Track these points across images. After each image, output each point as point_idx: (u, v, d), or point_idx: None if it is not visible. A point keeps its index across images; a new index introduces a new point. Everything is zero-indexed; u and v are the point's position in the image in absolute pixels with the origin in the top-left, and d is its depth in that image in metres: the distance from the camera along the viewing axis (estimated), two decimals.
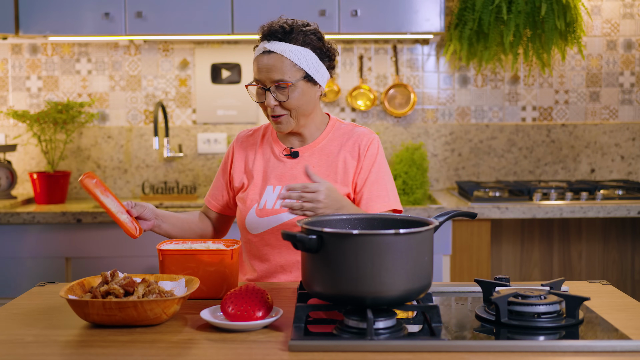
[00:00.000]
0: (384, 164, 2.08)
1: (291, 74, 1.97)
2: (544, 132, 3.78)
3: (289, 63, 1.97)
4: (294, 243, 1.48)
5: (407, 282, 1.47)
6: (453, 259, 3.21)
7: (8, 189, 3.56)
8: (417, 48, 3.76)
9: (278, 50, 1.96)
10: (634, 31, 3.77)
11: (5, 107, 3.77)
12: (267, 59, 1.97)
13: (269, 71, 1.96)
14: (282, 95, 1.97)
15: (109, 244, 3.19)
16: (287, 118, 2.01)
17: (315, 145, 2.09)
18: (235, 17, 3.35)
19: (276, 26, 2.00)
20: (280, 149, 2.10)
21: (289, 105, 1.99)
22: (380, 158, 2.07)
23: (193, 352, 1.42)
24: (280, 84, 1.96)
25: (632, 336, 1.45)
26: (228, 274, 1.79)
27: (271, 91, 1.97)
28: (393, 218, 1.68)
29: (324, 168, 2.06)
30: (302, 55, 1.98)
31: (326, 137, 2.10)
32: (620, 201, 3.27)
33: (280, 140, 2.12)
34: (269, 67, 1.96)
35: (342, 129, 2.11)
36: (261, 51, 1.99)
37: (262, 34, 2.02)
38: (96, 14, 3.36)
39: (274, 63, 1.96)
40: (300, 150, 2.08)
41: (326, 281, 1.48)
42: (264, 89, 1.98)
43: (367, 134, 2.09)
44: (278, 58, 1.96)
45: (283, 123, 2.02)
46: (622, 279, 3.64)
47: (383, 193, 2.04)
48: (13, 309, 1.71)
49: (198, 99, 3.76)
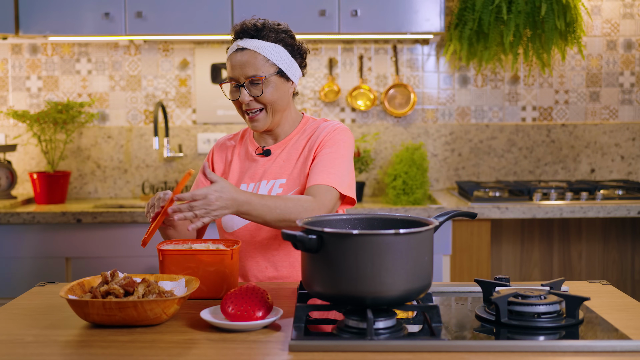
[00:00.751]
0: (342, 149, 2.05)
1: (264, 69, 2.00)
2: (544, 132, 3.78)
3: (262, 58, 2.00)
4: (294, 243, 1.48)
5: (407, 282, 1.47)
6: (453, 259, 3.21)
7: (8, 189, 3.56)
8: (417, 48, 3.76)
9: (251, 46, 2.00)
10: (634, 31, 3.77)
11: (5, 107, 3.77)
12: (241, 55, 2.01)
13: (243, 67, 2.00)
14: (257, 90, 2.00)
15: (109, 244, 3.19)
16: (262, 115, 2.04)
17: (286, 142, 2.11)
18: (235, 17, 3.35)
19: (248, 24, 2.05)
20: (254, 148, 2.14)
21: (264, 99, 2.01)
22: (342, 144, 2.05)
23: (193, 352, 1.42)
24: (254, 79, 1.99)
25: (632, 336, 1.45)
26: (228, 274, 1.79)
27: (245, 87, 2.00)
28: (393, 218, 1.68)
29: (295, 160, 2.08)
30: (274, 51, 2.02)
31: (297, 133, 2.12)
32: (620, 201, 3.27)
33: (255, 140, 2.16)
34: (243, 64, 2.00)
35: (313, 125, 2.13)
36: (234, 49, 2.03)
37: (234, 33, 2.06)
38: (96, 14, 3.36)
39: (247, 59, 2.00)
40: (272, 148, 2.11)
41: (326, 281, 1.48)
42: (239, 86, 2.01)
43: (333, 124, 2.10)
44: (251, 54, 2.00)
45: (259, 120, 2.04)
46: (622, 279, 3.64)
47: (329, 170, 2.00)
48: (13, 309, 1.71)
49: (198, 99, 3.76)
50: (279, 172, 2.08)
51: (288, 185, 2.06)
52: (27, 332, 1.54)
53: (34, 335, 1.51)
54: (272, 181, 2.07)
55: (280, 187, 2.05)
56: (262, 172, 2.09)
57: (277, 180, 2.07)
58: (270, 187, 2.06)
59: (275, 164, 2.09)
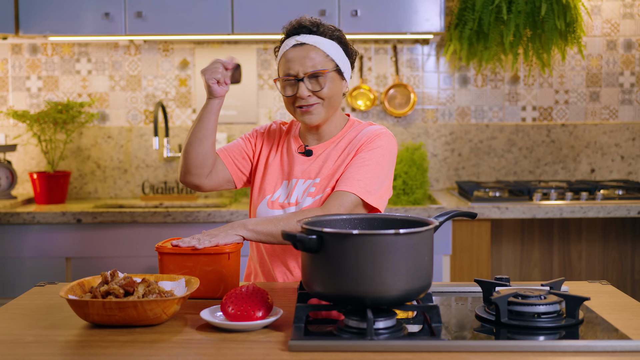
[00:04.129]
0: (378, 156, 2.00)
1: (324, 63, 1.99)
2: (544, 132, 3.78)
3: (322, 53, 1.99)
4: (293, 243, 1.48)
5: (407, 282, 1.47)
6: (453, 259, 3.21)
7: (8, 189, 3.56)
8: (417, 48, 3.76)
9: (310, 42, 1.99)
10: (634, 31, 3.77)
11: (5, 107, 3.77)
12: (300, 50, 1.99)
13: (303, 62, 1.98)
14: (316, 85, 1.99)
15: (109, 244, 3.20)
16: (318, 108, 2.01)
17: (330, 143, 2.08)
18: (235, 17, 3.35)
19: (305, 21, 2.03)
20: (297, 146, 2.11)
21: (322, 94, 1.99)
22: (377, 150, 2.01)
23: (193, 352, 1.41)
24: (315, 74, 1.98)
25: (632, 336, 1.45)
26: (226, 275, 1.79)
27: (304, 81, 1.98)
28: (393, 218, 1.68)
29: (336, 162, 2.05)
30: (332, 48, 2.01)
31: (342, 136, 2.09)
32: (620, 201, 3.27)
33: (300, 138, 2.12)
34: (302, 58, 1.98)
35: (358, 128, 2.10)
36: (292, 44, 2.00)
37: (289, 30, 2.04)
38: (96, 14, 3.36)
39: (307, 54, 1.98)
40: (314, 149, 2.08)
41: (326, 281, 1.48)
42: (297, 81, 1.99)
43: (376, 129, 2.06)
44: (311, 49, 1.99)
45: (314, 113, 2.01)
46: (622, 279, 3.64)
47: (357, 177, 1.97)
48: (13, 309, 1.71)
49: (198, 99, 3.76)
50: (315, 172, 2.05)
51: (321, 184, 2.03)
52: (27, 332, 1.53)
53: (34, 335, 1.51)
54: (308, 181, 2.05)
55: (313, 187, 2.03)
56: (300, 170, 2.07)
57: (313, 180, 2.05)
58: (307, 186, 2.04)
59: (314, 164, 2.06)
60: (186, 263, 1.78)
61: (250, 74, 3.74)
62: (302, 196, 2.03)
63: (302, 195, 2.03)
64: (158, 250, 1.80)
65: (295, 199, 2.03)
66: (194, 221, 3.17)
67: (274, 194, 2.07)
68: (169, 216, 3.17)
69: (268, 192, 2.08)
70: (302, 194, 2.03)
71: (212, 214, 3.17)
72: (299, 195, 2.03)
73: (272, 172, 2.10)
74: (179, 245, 1.79)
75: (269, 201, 2.06)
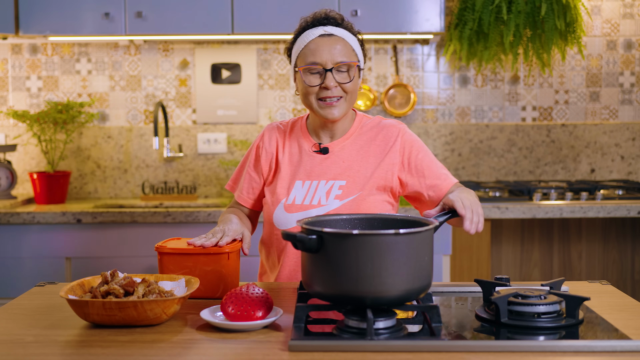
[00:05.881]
0: (422, 146, 2.07)
1: (351, 57, 1.97)
2: (544, 132, 3.78)
3: (349, 47, 1.98)
4: (294, 243, 1.48)
5: (407, 282, 1.47)
6: (453, 259, 3.21)
7: (8, 189, 3.56)
8: (417, 48, 3.76)
9: (339, 33, 1.97)
10: (634, 31, 3.77)
11: (5, 107, 3.77)
12: (329, 40, 1.96)
13: (331, 52, 1.94)
14: (345, 77, 1.96)
15: (109, 244, 3.20)
16: (342, 102, 1.98)
17: (344, 139, 2.05)
18: (235, 17, 3.35)
19: (332, 13, 2.01)
20: (309, 144, 2.06)
21: (348, 87, 1.96)
22: (416, 144, 2.06)
23: (193, 352, 1.42)
24: (342, 66, 1.95)
25: (632, 336, 1.45)
26: (225, 275, 1.79)
27: (333, 72, 1.94)
28: (393, 218, 1.68)
29: (356, 162, 2.03)
30: (356, 43, 2.01)
31: (355, 131, 2.06)
32: (620, 201, 3.27)
33: (310, 135, 2.08)
34: (331, 48, 1.95)
35: (370, 123, 2.08)
36: (319, 34, 1.96)
37: (315, 20, 1.99)
38: (96, 14, 3.36)
39: (336, 45, 1.96)
40: (329, 146, 2.04)
41: (326, 281, 1.48)
42: (325, 71, 1.95)
43: (395, 124, 2.07)
44: (340, 40, 1.97)
45: (337, 107, 1.97)
46: (622, 279, 3.64)
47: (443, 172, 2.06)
48: (13, 309, 1.71)
49: (198, 99, 3.76)
50: (338, 172, 2.01)
51: (348, 187, 2.00)
52: (27, 332, 1.53)
53: (34, 335, 1.51)
54: (331, 182, 2.01)
55: (339, 189, 1.99)
56: (319, 170, 2.02)
57: (336, 181, 2.01)
58: (330, 187, 2.00)
59: (335, 164, 2.02)
60: (186, 263, 1.78)
61: (250, 74, 3.74)
62: (328, 198, 1.98)
63: (327, 197, 1.99)
64: (158, 250, 1.80)
65: (319, 200, 1.99)
66: (194, 221, 3.17)
67: (289, 197, 2.02)
68: (169, 216, 3.17)
69: (282, 195, 2.02)
70: (327, 196, 1.99)
71: (212, 214, 3.17)
72: (322, 196, 1.99)
73: (283, 175, 2.05)
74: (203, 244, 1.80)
75: (285, 204, 2.01)
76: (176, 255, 1.79)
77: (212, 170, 3.76)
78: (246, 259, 3.07)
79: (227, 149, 3.75)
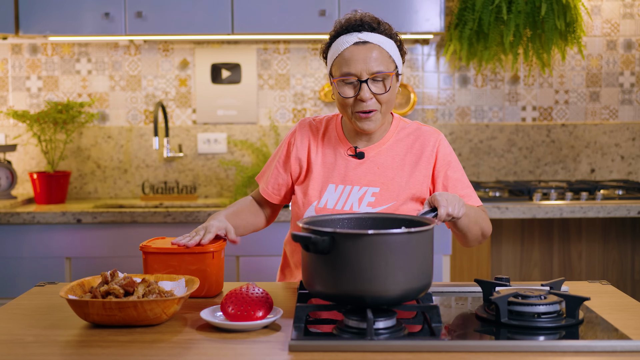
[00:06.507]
0: (456, 162, 2.02)
1: (388, 65, 1.88)
2: (544, 132, 3.78)
3: (386, 54, 1.88)
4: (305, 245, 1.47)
5: (408, 282, 1.47)
6: (453, 259, 3.21)
7: (8, 189, 3.56)
8: (417, 48, 3.76)
9: (374, 40, 1.87)
10: (634, 31, 3.77)
11: (5, 107, 3.77)
12: (364, 49, 1.86)
13: (367, 62, 1.85)
14: (381, 87, 1.87)
15: (109, 244, 3.19)
16: (377, 114, 1.90)
17: (381, 145, 1.99)
18: (235, 17, 3.35)
19: (367, 17, 1.91)
20: (345, 148, 2.00)
21: (384, 98, 1.88)
22: (451, 157, 2.01)
23: (193, 352, 1.42)
24: (378, 76, 1.86)
25: (632, 336, 1.45)
26: (209, 273, 1.80)
27: (368, 83, 1.86)
28: (393, 218, 1.68)
29: (391, 169, 1.98)
30: (393, 48, 1.91)
31: (392, 136, 2.00)
32: (620, 201, 3.27)
33: (346, 137, 2.02)
34: (366, 58, 1.85)
35: (408, 129, 2.02)
36: (353, 42, 1.87)
37: (349, 25, 1.90)
38: (96, 14, 3.36)
39: (371, 53, 1.86)
40: (365, 151, 1.98)
41: (328, 281, 1.48)
42: (360, 82, 1.86)
43: (433, 133, 2.01)
44: (376, 48, 1.87)
45: (373, 120, 1.90)
46: (622, 279, 3.64)
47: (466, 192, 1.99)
48: (13, 309, 1.71)
49: (198, 99, 3.76)
50: (373, 179, 1.96)
51: (381, 195, 1.95)
52: (27, 332, 1.53)
53: (34, 335, 1.51)
54: (364, 188, 1.95)
55: (372, 196, 1.94)
56: (353, 175, 1.97)
57: (370, 187, 1.95)
58: (363, 194, 1.95)
59: (369, 170, 1.97)
60: (171, 262, 1.79)
61: (250, 74, 3.74)
62: (359, 205, 1.94)
63: (360, 204, 1.94)
64: (142, 250, 1.80)
65: (351, 206, 1.95)
66: (194, 221, 3.17)
67: (321, 200, 1.97)
68: (169, 216, 3.17)
69: (314, 197, 1.98)
70: (359, 202, 1.94)
71: (212, 214, 3.17)
72: (354, 202, 1.95)
73: (315, 177, 2.00)
74: None
75: (316, 208, 1.97)
76: (161, 255, 1.79)
77: (212, 170, 3.76)
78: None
79: (227, 149, 3.75)
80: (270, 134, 3.73)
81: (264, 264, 2.90)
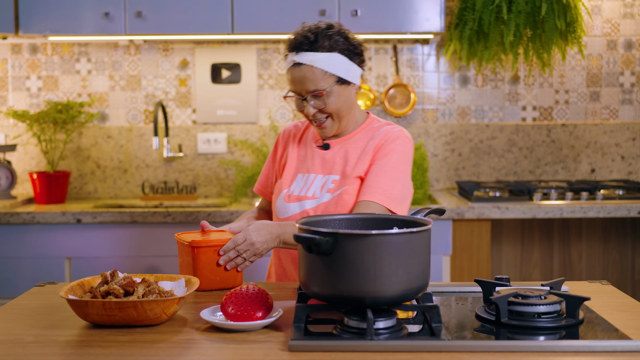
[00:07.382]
0: (397, 161, 2.04)
1: (324, 82, 2.00)
2: (544, 132, 3.78)
3: (320, 72, 2.00)
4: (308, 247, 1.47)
5: (410, 282, 1.47)
6: (453, 259, 3.21)
7: (8, 189, 3.56)
8: (417, 48, 3.76)
9: (306, 61, 1.99)
10: (634, 31, 3.77)
11: (5, 107, 3.77)
12: (298, 71, 2.01)
13: (302, 83, 2.01)
14: (320, 102, 2.02)
15: (109, 244, 3.20)
16: (329, 122, 2.07)
17: (346, 138, 2.12)
18: (235, 17, 3.35)
19: (300, 37, 2.02)
20: (315, 139, 2.17)
21: (328, 110, 2.04)
22: (395, 155, 2.04)
23: (193, 352, 1.42)
24: (315, 93, 2.01)
25: (632, 336, 1.45)
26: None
27: (308, 100, 2.02)
28: (384, 218, 1.68)
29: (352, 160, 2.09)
30: (331, 62, 2.00)
31: (359, 132, 2.13)
32: (621, 201, 3.27)
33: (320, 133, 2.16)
34: (302, 79, 2.01)
35: (376, 127, 2.12)
36: (291, 64, 2.02)
37: (289, 45, 2.04)
38: (96, 14, 3.36)
39: (305, 74, 2.00)
40: (331, 143, 2.12)
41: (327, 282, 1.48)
42: (302, 99, 2.04)
43: (394, 131, 2.09)
44: (308, 69, 2.00)
45: (327, 127, 2.07)
46: (622, 279, 3.64)
47: (376, 185, 2.00)
48: (13, 309, 1.71)
49: (198, 99, 3.76)
50: (334, 168, 2.09)
51: (339, 182, 2.07)
52: (27, 332, 1.54)
53: (34, 335, 1.51)
54: (326, 176, 2.09)
55: (332, 183, 2.07)
56: (318, 165, 2.12)
57: (330, 176, 2.08)
58: (324, 182, 2.08)
59: (332, 160, 2.10)
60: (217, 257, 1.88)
61: (250, 74, 3.74)
62: (321, 191, 2.07)
63: (321, 191, 2.07)
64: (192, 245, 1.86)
65: (313, 193, 2.07)
66: (194, 221, 3.17)
67: (290, 187, 2.12)
68: (169, 216, 3.17)
69: (284, 186, 2.13)
70: (321, 189, 2.07)
71: (212, 214, 3.17)
72: (316, 190, 2.07)
73: (289, 167, 2.16)
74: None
75: (285, 195, 2.11)
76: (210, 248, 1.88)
77: (212, 170, 3.76)
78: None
79: (227, 149, 3.75)
80: (270, 134, 3.73)
81: (264, 264, 2.90)
